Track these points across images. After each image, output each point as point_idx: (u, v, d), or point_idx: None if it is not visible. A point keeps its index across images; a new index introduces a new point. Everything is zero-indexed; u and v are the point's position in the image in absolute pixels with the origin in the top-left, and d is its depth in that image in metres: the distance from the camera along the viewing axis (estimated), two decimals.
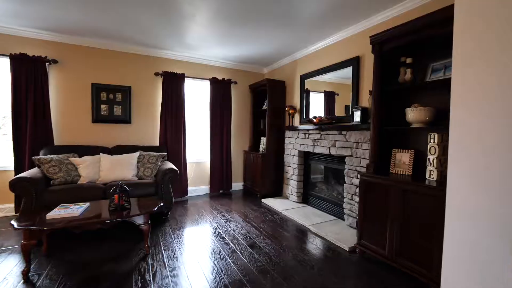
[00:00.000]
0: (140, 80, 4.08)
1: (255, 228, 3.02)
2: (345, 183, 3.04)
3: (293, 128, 3.94)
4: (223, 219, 3.33)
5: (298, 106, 4.13)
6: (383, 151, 2.43)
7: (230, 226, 3.07)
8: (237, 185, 5.00)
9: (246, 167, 4.91)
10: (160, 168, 3.49)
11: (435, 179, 1.98)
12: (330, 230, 2.89)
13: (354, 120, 2.91)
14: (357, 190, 2.87)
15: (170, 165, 3.55)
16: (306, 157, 3.95)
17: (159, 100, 4.22)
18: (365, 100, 2.95)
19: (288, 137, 4.18)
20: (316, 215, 3.39)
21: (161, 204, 2.64)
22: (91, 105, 3.79)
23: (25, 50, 3.37)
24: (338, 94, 3.44)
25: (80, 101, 3.73)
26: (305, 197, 3.95)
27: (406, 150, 2.30)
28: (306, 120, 3.87)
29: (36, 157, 2.99)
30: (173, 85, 4.21)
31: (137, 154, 3.61)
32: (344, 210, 3.05)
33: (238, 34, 3.40)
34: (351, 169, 2.96)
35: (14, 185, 2.63)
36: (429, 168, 2.03)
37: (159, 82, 4.20)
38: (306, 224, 3.09)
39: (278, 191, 4.43)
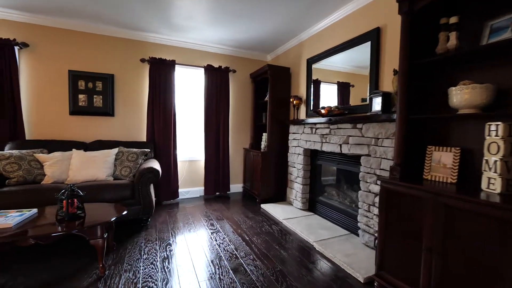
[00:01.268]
0: (124, 68, 3.62)
1: (246, 243, 2.45)
2: (360, 189, 2.40)
3: (298, 122, 3.32)
4: (210, 229, 2.79)
5: (304, 96, 3.50)
6: (413, 150, 1.78)
7: (216, 239, 2.52)
8: (236, 187, 4.45)
9: (246, 167, 4.35)
10: (140, 167, 3.00)
11: (497, 191, 1.32)
12: (340, 249, 2.27)
13: (373, 109, 2.26)
14: (376, 199, 2.22)
15: (151, 164, 3.05)
16: (313, 156, 3.32)
17: (146, 90, 3.74)
18: (388, 83, 2.29)
19: (293, 133, 3.56)
20: (323, 228, 2.77)
21: (125, 212, 2.13)
22: (68, 95, 3.37)
23: None
24: (353, 86, 2.79)
25: (55, 91, 3.31)
26: (312, 204, 3.33)
27: (448, 148, 1.64)
28: (313, 111, 3.24)
29: None
30: (161, 73, 3.71)
31: (115, 150, 3.14)
32: (359, 224, 2.41)
33: (231, 10, 2.83)
34: (368, 172, 2.31)
35: None
36: (486, 174, 1.37)
37: (146, 70, 3.72)
38: (310, 239, 2.48)
39: (280, 196, 3.83)
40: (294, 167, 3.51)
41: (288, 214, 3.18)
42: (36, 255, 2.13)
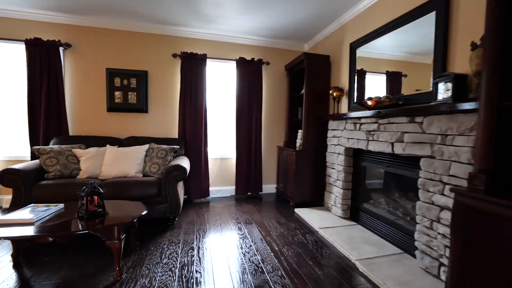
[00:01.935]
0: (157, 64, 3.60)
1: (274, 254, 2.15)
2: (419, 200, 1.90)
3: (338, 117, 2.89)
4: (237, 234, 2.55)
5: (346, 87, 3.04)
6: (503, 151, 1.27)
7: (242, 247, 2.27)
8: (268, 187, 4.17)
9: (279, 167, 4.03)
10: (168, 164, 2.91)
11: None
12: (391, 273, 1.82)
13: (438, 98, 1.75)
14: (442, 214, 1.72)
15: (180, 161, 2.94)
16: (356, 157, 2.85)
17: (178, 86, 3.67)
18: (461, 62, 1.75)
19: (332, 129, 3.13)
20: (368, 242, 2.32)
21: (145, 212, 2.01)
22: (105, 93, 3.47)
23: (40, 34, 3.19)
24: (405, 75, 2.27)
25: (94, 88, 3.43)
26: (354, 212, 2.86)
27: None
28: (356, 104, 2.77)
29: (36, 147, 2.73)
30: (193, 68, 3.61)
31: (145, 147, 3.11)
32: (417, 243, 1.92)
33: None
34: (430, 179, 1.81)
35: (2, 177, 2.35)
36: None
37: (178, 65, 3.65)
38: (352, 256, 2.07)
39: (317, 200, 3.43)
40: (334, 168, 3.08)
41: (326, 222, 2.78)
42: (62, 250, 2.14)
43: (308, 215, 3.02)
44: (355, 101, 2.84)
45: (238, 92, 3.81)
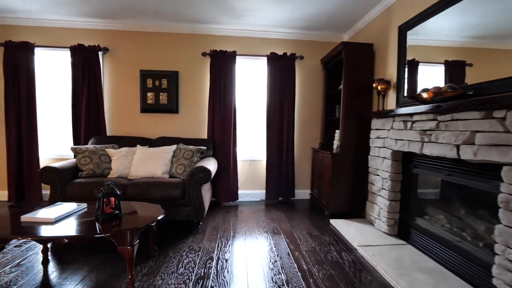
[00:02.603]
0: (187, 64, 3.56)
1: (302, 274, 1.84)
2: (500, 223, 1.41)
3: (384, 114, 2.44)
4: (262, 245, 2.30)
5: (393, 78, 2.57)
6: None
7: (266, 262, 2.01)
8: (301, 193, 3.83)
9: (314, 171, 3.67)
10: (194, 166, 2.80)
11: None
12: None
13: None
14: None
15: (205, 162, 2.81)
16: (407, 161, 2.37)
17: (207, 85, 3.58)
18: None
19: (376, 129, 2.67)
20: (423, 270, 1.85)
21: (161, 216, 1.88)
22: (139, 94, 3.54)
23: (82, 40, 3.39)
24: (470, 65, 1.77)
25: (129, 90, 3.54)
26: (404, 228, 2.38)
27: None
28: (408, 98, 2.30)
29: (73, 146, 2.87)
30: (222, 66, 3.48)
31: (173, 147, 3.06)
32: (495, 281, 1.43)
33: None
34: None
35: (41, 174, 2.49)
36: None
37: (207, 64, 3.56)
38: (400, 287, 1.65)
39: (357, 210, 2.99)
40: (378, 175, 2.62)
41: (367, 239, 2.35)
42: (85, 248, 2.14)
43: (346, 228, 2.62)
44: (405, 94, 2.36)
45: (268, 90, 3.57)
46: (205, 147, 3.11)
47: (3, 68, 3.29)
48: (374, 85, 2.66)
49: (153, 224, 2.00)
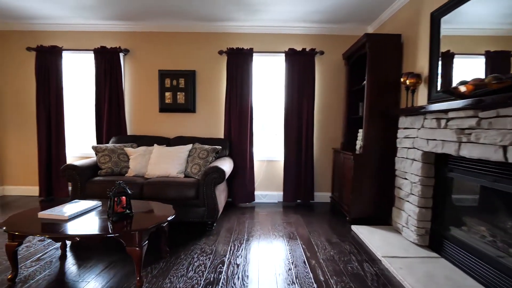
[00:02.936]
0: (204, 63, 3.53)
1: (318, 286, 1.69)
2: None
3: (413, 111, 2.20)
4: (276, 251, 2.18)
5: (425, 71, 2.30)
6: None
7: (279, 269, 1.88)
8: (322, 196, 3.63)
9: (334, 173, 3.46)
10: (208, 165, 2.75)
11: None
12: None
13: None
14: None
15: (220, 162, 2.75)
16: (440, 164, 2.11)
17: (224, 83, 3.53)
18: None
19: (404, 128, 2.43)
20: None
21: (172, 217, 1.84)
22: (157, 94, 3.59)
23: (104, 43, 3.50)
24: None
25: (149, 90, 3.59)
26: (436, 239, 2.12)
27: None
28: (442, 92, 2.04)
29: (94, 145, 2.95)
30: (238, 64, 3.41)
31: (189, 146, 3.04)
32: None
33: None
34: None
35: (63, 172, 2.59)
36: None
37: (224, 62, 3.50)
38: None
39: (381, 216, 2.75)
40: (406, 178, 2.37)
41: (393, 249, 2.13)
42: (100, 246, 2.16)
43: (369, 235, 2.40)
44: (439, 88, 2.11)
45: (286, 88, 3.43)
46: (220, 147, 3.05)
47: (35, 71, 3.49)
48: (402, 79, 2.41)
49: (164, 225, 1.97)
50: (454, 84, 1.88)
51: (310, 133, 3.45)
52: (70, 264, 1.92)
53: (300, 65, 3.39)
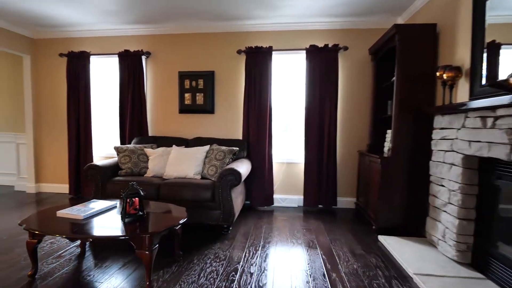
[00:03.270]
0: (223, 63, 3.49)
1: None
2: None
3: (452, 109, 1.94)
4: (294, 261, 2.03)
5: (466, 64, 2.02)
6: None
7: (294, 282, 1.74)
8: (345, 201, 3.40)
9: (360, 177, 3.22)
10: (224, 167, 2.68)
11: None
12: None
13: None
14: None
15: (237, 164, 2.67)
16: (485, 170, 1.82)
17: (242, 84, 3.46)
18: None
19: (441, 128, 2.16)
20: None
21: (183, 220, 1.78)
22: (177, 95, 3.62)
23: (128, 46, 3.60)
24: None
25: (169, 91, 3.64)
26: (480, 257, 1.83)
27: None
28: (488, 86, 1.76)
29: (116, 146, 3.03)
30: (257, 63, 3.31)
31: (206, 148, 3.00)
32: None
33: None
34: None
35: (86, 171, 2.67)
36: None
37: (242, 62, 3.43)
38: None
39: (413, 227, 2.47)
40: (443, 185, 2.10)
41: (428, 265, 1.88)
42: (116, 245, 2.18)
43: (399, 248, 2.16)
44: (484, 82, 1.82)
45: (307, 86, 3.26)
46: (237, 148, 2.98)
47: (66, 75, 3.70)
48: (437, 73, 2.14)
49: (177, 228, 1.92)
50: (503, 77, 1.60)
51: (333, 134, 3.25)
52: (87, 263, 1.94)
53: (322, 62, 3.21)
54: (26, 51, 3.78)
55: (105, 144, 3.94)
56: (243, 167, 2.71)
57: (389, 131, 2.73)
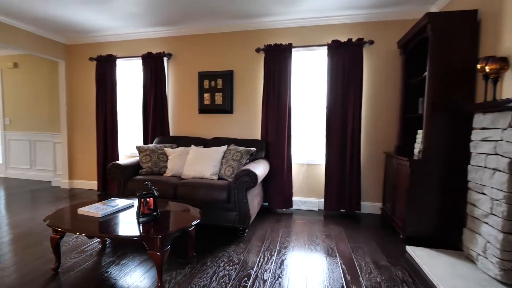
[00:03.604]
0: (242, 62, 3.45)
1: None
2: None
3: (497, 106, 1.69)
4: (311, 269, 1.92)
5: None
6: None
7: None
8: (370, 206, 3.18)
9: (386, 181, 2.99)
10: (241, 168, 2.63)
11: None
12: None
13: None
14: None
15: (254, 165, 2.61)
16: None
17: (261, 83, 3.39)
18: None
19: (481, 128, 1.90)
20: None
21: (196, 222, 1.76)
22: (197, 95, 3.65)
23: (150, 49, 3.71)
24: None
25: (189, 92, 3.68)
26: None
27: None
28: None
29: (138, 145, 3.11)
30: (276, 61, 3.22)
31: (223, 148, 2.98)
32: None
33: None
34: None
35: (109, 170, 2.78)
36: None
37: (261, 60, 3.36)
38: None
39: (447, 237, 2.22)
40: (484, 193, 1.85)
41: (464, 283, 1.66)
42: (136, 243, 2.22)
43: (430, 261, 1.94)
44: None
45: (329, 84, 3.10)
46: (255, 149, 2.91)
47: (95, 78, 3.91)
48: (478, 66, 1.89)
49: (190, 229, 1.90)
50: None
51: (357, 135, 3.05)
52: (107, 259, 2.00)
53: (345, 57, 3.03)
54: (61, 57, 4.06)
55: (130, 143, 4.10)
56: (260, 168, 2.64)
57: (419, 131, 2.49)
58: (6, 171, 5.04)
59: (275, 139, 3.26)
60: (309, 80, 3.35)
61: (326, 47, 3.10)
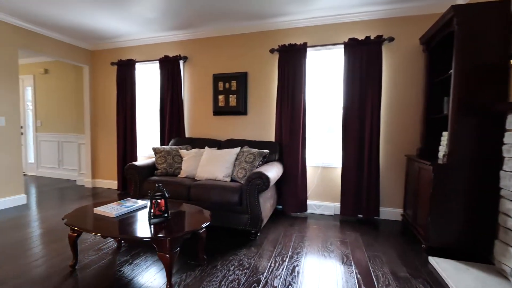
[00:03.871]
0: (255, 63, 3.43)
1: None
2: None
3: None
4: (324, 279, 1.84)
5: None
6: None
7: None
8: (390, 212, 3.02)
9: (407, 186, 2.81)
10: (253, 170, 2.60)
11: None
12: None
13: None
14: None
15: (266, 168, 2.58)
16: None
17: (275, 84, 3.34)
18: None
19: None
20: None
21: (206, 224, 1.75)
22: (212, 97, 3.68)
23: (167, 52, 3.80)
24: None
25: (204, 94, 3.72)
26: None
27: None
28: None
29: (154, 147, 3.19)
30: (290, 61, 3.16)
31: (236, 150, 2.96)
32: None
33: None
34: None
35: (126, 171, 2.86)
36: None
37: (275, 61, 3.32)
38: None
39: (475, 249, 2.03)
40: None
41: None
42: (151, 244, 2.26)
43: (456, 275, 1.79)
44: None
45: (346, 83, 2.98)
46: (268, 151, 2.87)
47: (116, 82, 4.07)
48: (511, 62, 1.72)
49: (200, 232, 1.90)
50: None
51: (376, 136, 2.90)
52: (121, 258, 2.05)
53: (363, 56, 2.90)
54: (85, 62, 4.27)
55: (149, 145, 4.23)
56: (273, 171, 2.59)
57: (444, 133, 2.31)
58: (37, 170, 5.39)
59: (289, 141, 3.19)
60: (325, 80, 3.25)
61: (342, 46, 2.99)
